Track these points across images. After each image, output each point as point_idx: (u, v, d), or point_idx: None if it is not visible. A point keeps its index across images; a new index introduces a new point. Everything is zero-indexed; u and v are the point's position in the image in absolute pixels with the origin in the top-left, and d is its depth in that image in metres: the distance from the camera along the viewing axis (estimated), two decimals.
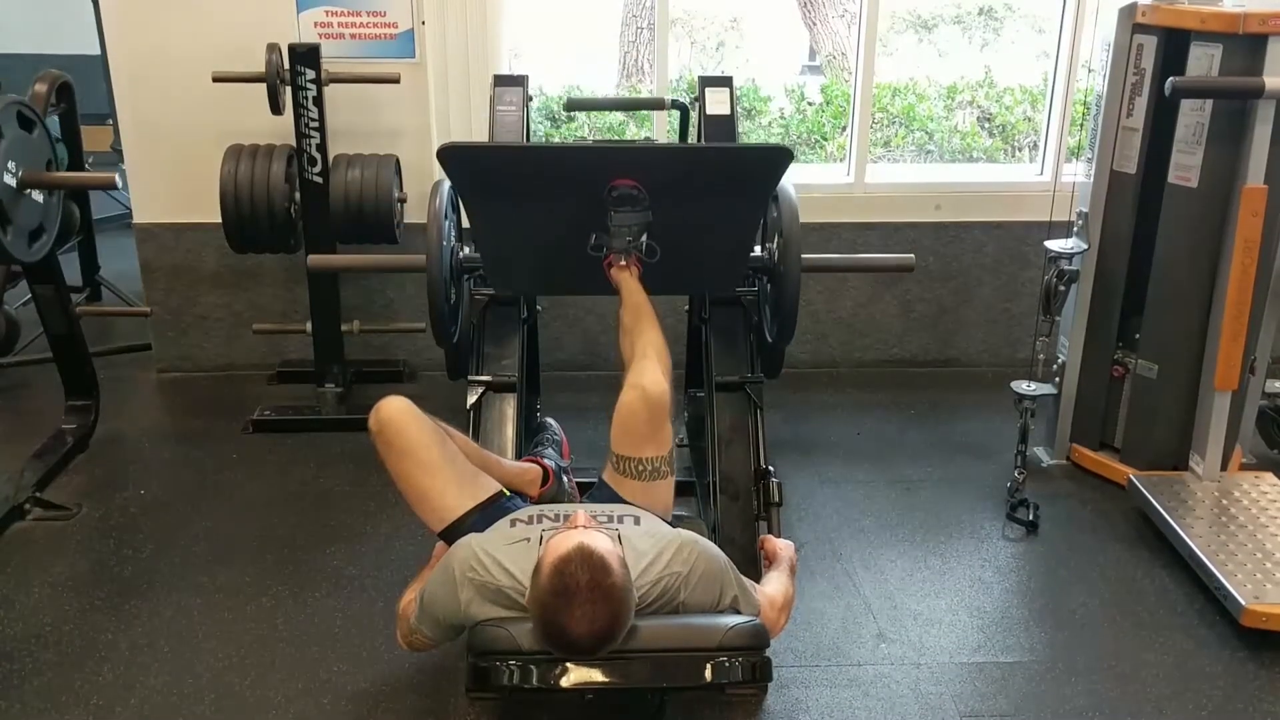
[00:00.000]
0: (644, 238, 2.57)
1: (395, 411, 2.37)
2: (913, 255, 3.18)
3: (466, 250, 2.89)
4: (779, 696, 2.49)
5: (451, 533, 2.36)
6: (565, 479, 2.76)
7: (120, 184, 3.39)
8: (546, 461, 2.73)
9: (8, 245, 3.02)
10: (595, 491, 2.52)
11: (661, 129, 4.11)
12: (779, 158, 2.55)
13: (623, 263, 2.60)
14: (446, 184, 2.78)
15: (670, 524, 2.40)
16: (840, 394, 4.10)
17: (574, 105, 2.90)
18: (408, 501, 2.42)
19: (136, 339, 4.29)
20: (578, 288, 3.01)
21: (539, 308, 3.46)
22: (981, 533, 3.19)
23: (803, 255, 2.75)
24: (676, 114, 3.50)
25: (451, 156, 2.55)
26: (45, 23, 6.20)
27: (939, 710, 2.46)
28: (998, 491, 3.36)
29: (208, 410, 3.89)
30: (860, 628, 2.75)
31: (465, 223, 2.89)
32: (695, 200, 2.58)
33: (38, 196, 3.16)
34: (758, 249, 2.89)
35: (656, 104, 3.40)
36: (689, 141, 3.33)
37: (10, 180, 3.00)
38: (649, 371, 2.40)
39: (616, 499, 2.44)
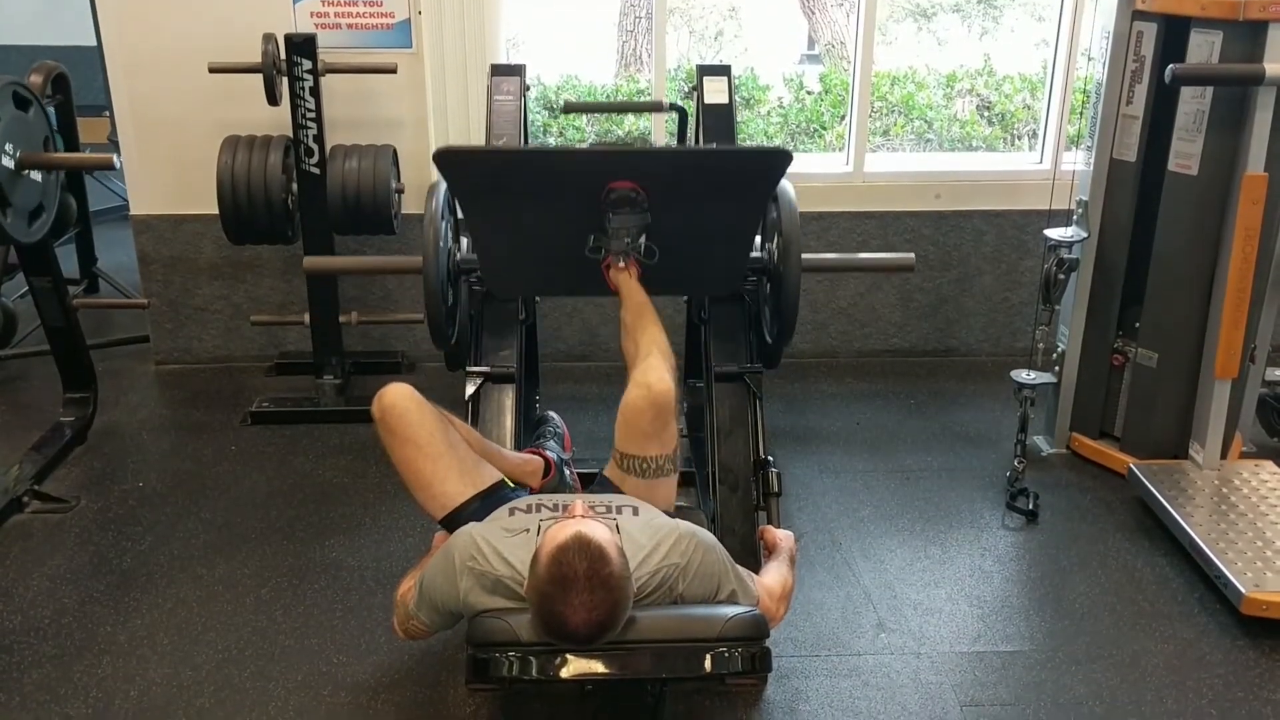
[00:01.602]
0: (643, 239, 2.54)
1: (398, 398, 2.37)
2: (912, 255, 3.15)
3: (463, 252, 2.87)
4: (779, 687, 2.49)
5: (452, 520, 2.36)
6: (567, 471, 2.76)
7: (118, 165, 3.37)
8: (548, 454, 2.73)
9: (7, 226, 3.02)
10: (596, 487, 2.52)
11: (660, 126, 4.11)
12: (778, 160, 2.52)
13: (621, 265, 2.57)
14: (443, 185, 2.77)
15: (670, 515, 2.40)
16: (840, 383, 4.10)
17: (571, 108, 2.88)
18: (409, 488, 2.41)
19: (134, 331, 4.28)
20: (576, 290, 2.99)
21: (537, 299, 3.45)
22: (981, 522, 3.19)
23: (803, 255, 2.73)
24: (675, 114, 3.49)
25: (448, 161, 2.52)
26: (40, 13, 6.19)
27: (939, 699, 2.47)
28: (997, 481, 3.36)
29: (206, 402, 3.89)
30: (860, 617, 2.75)
31: (461, 221, 2.88)
32: (694, 202, 2.55)
33: (36, 176, 3.16)
34: (757, 249, 2.87)
35: (654, 107, 3.36)
36: (687, 143, 3.31)
37: (8, 161, 3.00)
38: (654, 369, 2.38)
39: (616, 493, 2.43)
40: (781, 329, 2.80)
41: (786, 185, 2.73)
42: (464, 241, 2.87)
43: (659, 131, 4.14)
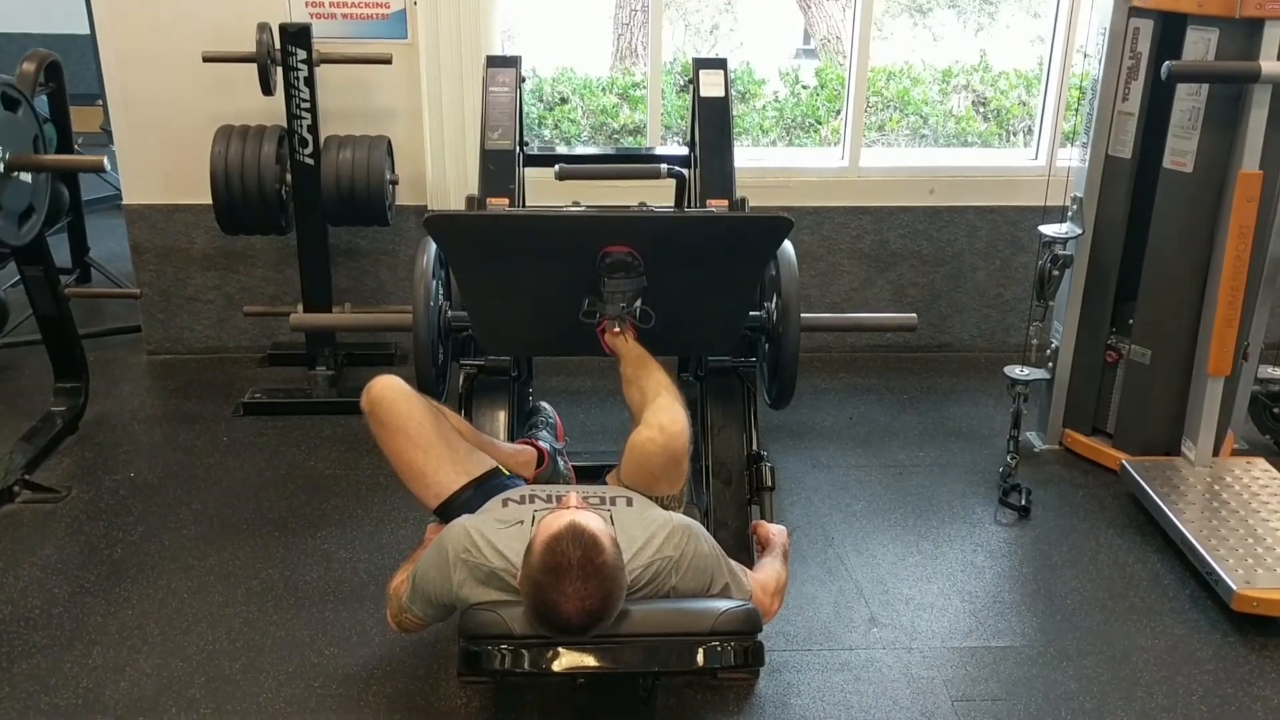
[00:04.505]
0: (638, 303, 2.51)
1: (386, 389, 2.37)
2: (915, 315, 3.13)
3: (454, 308, 2.83)
4: (771, 681, 2.49)
5: (447, 509, 2.36)
6: (560, 461, 2.76)
7: (109, 166, 3.36)
8: (541, 444, 2.73)
9: None
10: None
11: (655, 124, 4.09)
12: (778, 227, 2.49)
13: (617, 329, 2.53)
14: (433, 246, 2.72)
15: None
16: (833, 378, 4.10)
17: (566, 175, 2.85)
18: (402, 479, 2.41)
19: (126, 321, 4.27)
20: (572, 351, 2.92)
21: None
22: (973, 517, 3.19)
23: (803, 315, 2.70)
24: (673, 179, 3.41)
25: (438, 226, 2.49)
26: (34, 2, 6.15)
27: (930, 694, 2.47)
28: (990, 476, 3.36)
29: (198, 393, 3.88)
30: (852, 612, 2.75)
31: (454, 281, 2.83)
32: (691, 266, 2.50)
33: (26, 177, 3.14)
34: (756, 309, 2.84)
35: (652, 174, 3.28)
36: (685, 208, 3.26)
37: None
38: (666, 410, 2.33)
39: (611, 486, 2.43)
40: (781, 390, 2.79)
41: (786, 246, 2.70)
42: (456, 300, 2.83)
43: (654, 132, 4.14)
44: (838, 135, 4.44)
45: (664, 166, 2.81)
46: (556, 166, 2.80)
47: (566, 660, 2.07)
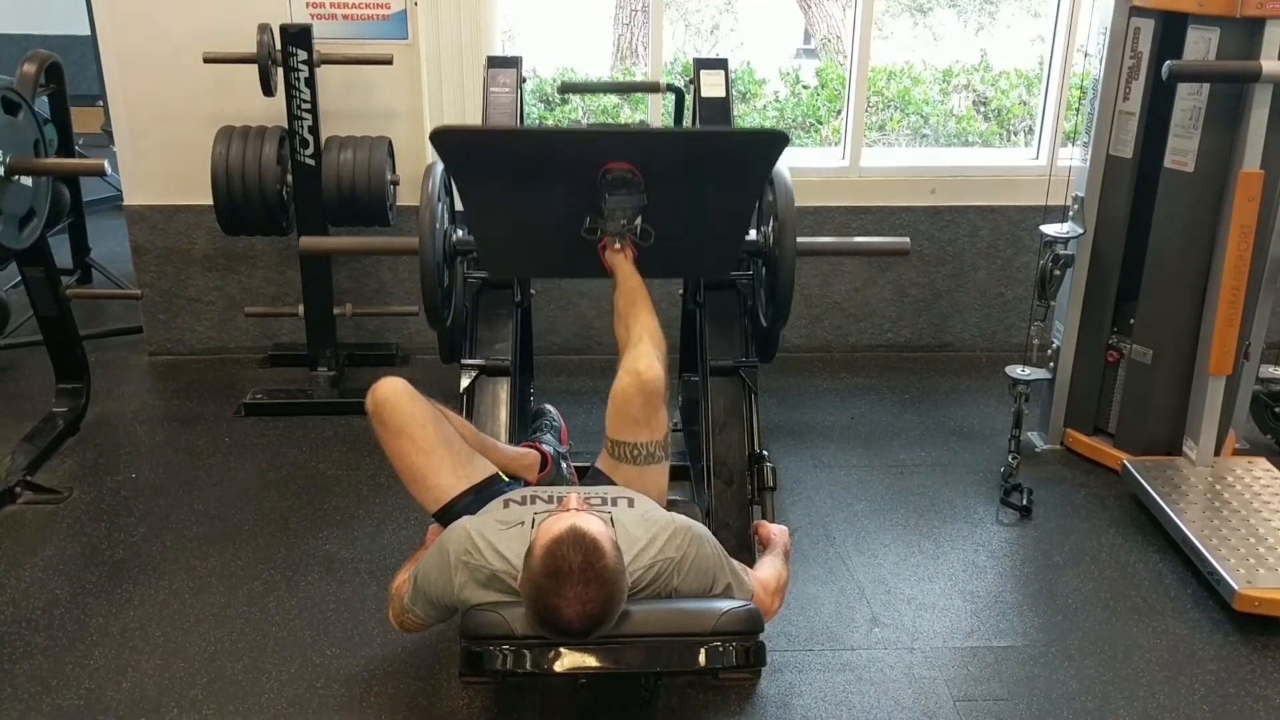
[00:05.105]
0: (639, 221, 2.56)
1: (391, 391, 2.37)
2: (908, 239, 3.16)
3: (459, 233, 2.87)
4: (772, 681, 2.49)
5: (445, 514, 2.36)
6: (564, 464, 2.76)
7: (110, 169, 3.36)
8: (545, 447, 2.73)
9: None
10: (589, 479, 2.51)
11: (656, 111, 4.10)
12: (775, 142, 2.54)
13: (617, 246, 2.59)
14: (439, 167, 2.77)
15: (665, 508, 2.40)
16: (834, 378, 4.10)
17: (568, 88, 2.89)
18: (403, 482, 2.41)
19: (127, 322, 4.27)
20: (572, 272, 3.02)
21: (533, 291, 3.44)
22: (975, 517, 3.19)
23: (798, 239, 2.74)
24: (671, 97, 3.48)
25: (445, 140, 2.53)
26: (35, 3, 6.16)
27: (932, 694, 2.47)
28: (991, 476, 3.36)
29: (199, 393, 3.88)
30: (854, 612, 2.75)
31: (458, 205, 2.88)
32: (690, 184, 2.57)
33: (26, 181, 3.14)
34: (753, 233, 2.88)
35: (651, 87, 3.39)
36: (684, 125, 3.32)
37: None
38: (644, 357, 2.39)
39: (610, 485, 2.44)
40: (777, 313, 2.81)
41: (782, 169, 2.74)
42: (460, 223, 2.87)
43: (656, 118, 4.14)
44: (838, 135, 4.44)
45: (663, 82, 2.86)
46: (559, 81, 2.86)
47: (568, 660, 2.07)
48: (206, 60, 3.56)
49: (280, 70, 3.53)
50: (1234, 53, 2.94)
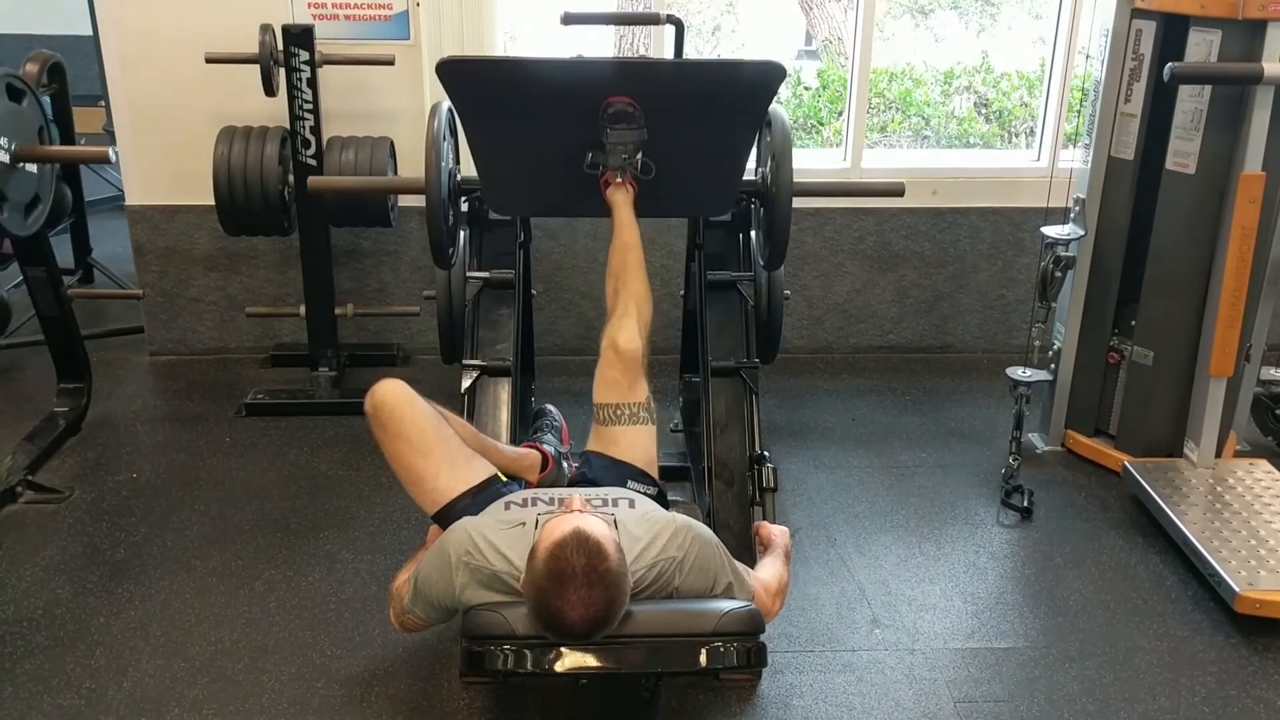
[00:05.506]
0: (639, 156, 2.62)
1: (390, 393, 2.37)
2: (903, 181, 3.15)
3: (463, 173, 2.91)
4: (773, 682, 2.49)
5: (444, 516, 2.36)
6: (565, 464, 2.75)
7: (114, 159, 3.36)
8: (545, 448, 2.72)
9: (3, 220, 3.01)
10: (584, 466, 2.53)
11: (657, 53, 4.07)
12: (772, 73, 2.59)
13: (619, 180, 2.64)
14: (445, 105, 2.80)
15: (656, 480, 2.49)
16: (835, 379, 4.10)
17: (571, 19, 2.91)
18: (402, 483, 2.41)
19: (129, 322, 4.27)
20: (574, 209, 3.09)
21: (534, 291, 3.44)
22: (976, 519, 3.19)
23: (794, 179, 2.78)
24: (673, 27, 3.47)
25: (451, 71, 2.57)
26: (37, 2, 6.15)
27: (933, 696, 2.47)
28: (992, 478, 3.36)
29: (200, 394, 3.88)
30: (854, 613, 2.75)
31: (463, 145, 2.90)
32: (690, 118, 2.62)
33: (31, 168, 3.14)
34: (750, 173, 2.92)
35: (652, 19, 3.39)
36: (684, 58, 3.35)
37: (3, 155, 2.99)
38: (624, 329, 2.51)
39: (604, 463, 2.47)
40: (773, 253, 2.85)
41: (779, 109, 2.80)
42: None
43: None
44: (839, 136, 4.44)
45: (663, 13, 2.93)
46: (562, 13, 2.95)
47: (569, 661, 2.07)
48: (208, 61, 3.57)
49: (282, 71, 3.54)
50: (1236, 55, 2.94)
